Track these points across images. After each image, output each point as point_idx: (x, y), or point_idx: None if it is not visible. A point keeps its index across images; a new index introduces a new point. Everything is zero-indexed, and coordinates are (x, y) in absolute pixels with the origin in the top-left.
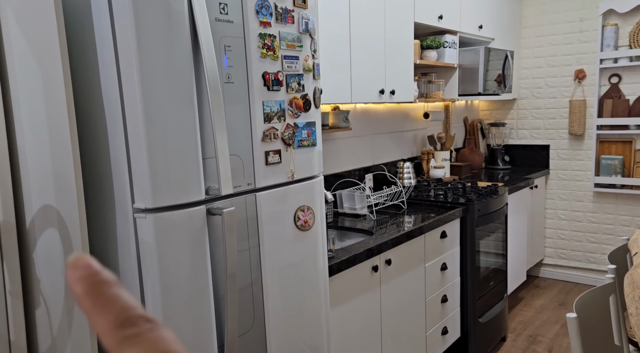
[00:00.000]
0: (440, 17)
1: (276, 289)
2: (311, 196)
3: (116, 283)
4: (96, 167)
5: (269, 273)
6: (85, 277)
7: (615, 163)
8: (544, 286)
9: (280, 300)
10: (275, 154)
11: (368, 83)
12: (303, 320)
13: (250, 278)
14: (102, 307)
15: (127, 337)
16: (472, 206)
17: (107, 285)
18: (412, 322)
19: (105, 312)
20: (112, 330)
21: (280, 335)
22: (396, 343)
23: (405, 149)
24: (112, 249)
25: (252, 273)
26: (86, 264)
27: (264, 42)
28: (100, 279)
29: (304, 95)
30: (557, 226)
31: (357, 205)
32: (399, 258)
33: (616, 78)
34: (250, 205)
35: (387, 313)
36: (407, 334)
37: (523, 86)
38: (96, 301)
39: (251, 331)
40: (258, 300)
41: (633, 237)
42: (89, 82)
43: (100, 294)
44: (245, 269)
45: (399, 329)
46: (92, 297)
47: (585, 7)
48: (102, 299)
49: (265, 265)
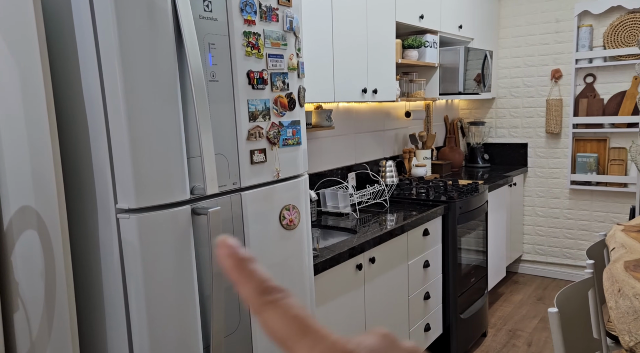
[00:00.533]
0: (421, 16)
1: None
2: (296, 195)
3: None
4: (77, 167)
5: None
6: (231, 254)
7: (590, 161)
8: (522, 282)
9: None
10: (261, 152)
11: (351, 82)
12: None
13: None
14: (246, 278)
15: (267, 302)
16: (454, 204)
17: (248, 261)
18: (395, 319)
19: (248, 283)
20: (255, 297)
21: (266, 335)
22: None
23: (387, 147)
24: (93, 250)
25: None
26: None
27: (249, 40)
28: (242, 257)
29: (289, 94)
30: (535, 223)
31: (340, 204)
32: (383, 256)
33: (591, 78)
34: (236, 205)
35: (371, 311)
36: (390, 331)
37: (501, 85)
38: (241, 274)
39: (237, 331)
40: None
41: (610, 232)
42: (69, 81)
43: (244, 268)
44: None
45: (383, 326)
46: (237, 270)
47: (561, 8)
48: (245, 272)
49: None
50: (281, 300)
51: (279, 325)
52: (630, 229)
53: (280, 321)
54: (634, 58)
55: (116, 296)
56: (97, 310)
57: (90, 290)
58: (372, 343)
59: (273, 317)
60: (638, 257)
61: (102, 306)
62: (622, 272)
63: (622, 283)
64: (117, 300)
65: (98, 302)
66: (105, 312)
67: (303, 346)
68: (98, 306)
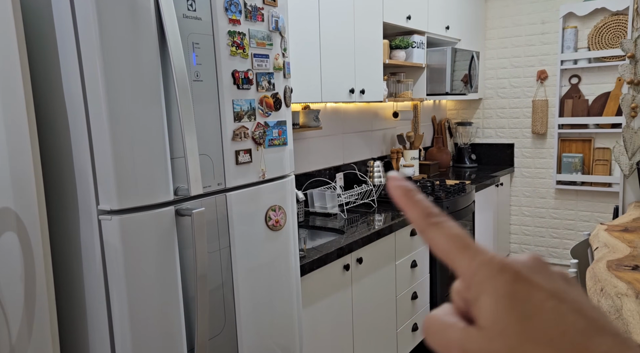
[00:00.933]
0: (408, 17)
1: (247, 290)
2: (282, 195)
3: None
4: (58, 168)
5: (240, 274)
6: (400, 186)
7: (575, 161)
8: None
9: (251, 302)
10: (246, 153)
11: (338, 82)
12: (275, 320)
13: (221, 279)
14: (413, 205)
15: (431, 223)
16: (441, 204)
17: (414, 191)
18: (383, 319)
19: (416, 208)
20: (421, 219)
21: (251, 337)
22: (368, 341)
23: (375, 148)
24: (75, 253)
25: (222, 274)
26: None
27: (234, 40)
28: (409, 188)
29: (275, 94)
30: (521, 222)
31: (328, 204)
32: (370, 256)
33: (576, 79)
34: (221, 206)
35: (359, 311)
36: (378, 332)
37: (488, 86)
38: (409, 201)
39: (222, 333)
40: (229, 302)
41: (594, 232)
42: (50, 80)
43: (411, 197)
44: (216, 270)
45: (371, 327)
46: (406, 198)
47: (546, 9)
48: (412, 200)
49: (237, 266)
50: (444, 222)
51: (442, 241)
52: (613, 228)
53: (443, 238)
54: (618, 59)
55: (98, 299)
56: (79, 313)
57: (71, 293)
58: (526, 260)
59: (437, 235)
60: (620, 256)
61: (84, 309)
62: (605, 272)
63: (605, 282)
64: (99, 303)
65: (79, 305)
66: (87, 315)
67: (464, 258)
68: (79, 309)
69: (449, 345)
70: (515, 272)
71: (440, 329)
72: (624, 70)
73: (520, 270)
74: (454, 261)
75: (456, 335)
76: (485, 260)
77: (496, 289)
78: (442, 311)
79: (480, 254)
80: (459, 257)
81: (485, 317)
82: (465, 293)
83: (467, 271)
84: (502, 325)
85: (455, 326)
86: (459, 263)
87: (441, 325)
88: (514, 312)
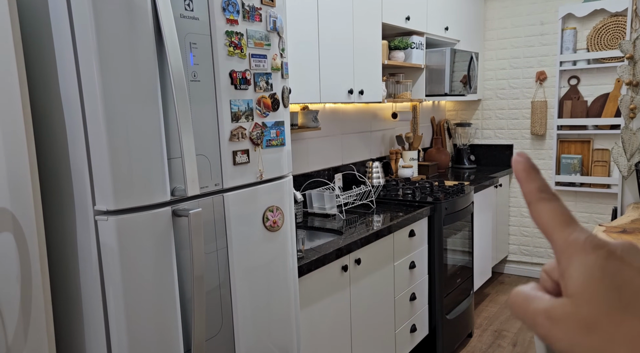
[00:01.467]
0: (407, 18)
1: (245, 291)
2: (280, 196)
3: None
4: (54, 168)
5: (237, 275)
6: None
7: (574, 162)
8: (508, 282)
9: (249, 302)
10: (244, 153)
11: (337, 83)
12: (272, 321)
13: (218, 280)
14: (531, 179)
15: (542, 198)
16: (440, 205)
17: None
18: (381, 320)
19: (532, 182)
20: (534, 192)
21: (249, 338)
22: (366, 342)
23: (374, 148)
24: (71, 253)
25: (220, 275)
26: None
27: (231, 40)
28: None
29: (273, 95)
30: (520, 223)
31: (326, 205)
32: (369, 257)
33: (575, 80)
34: (218, 206)
35: (357, 312)
36: (376, 333)
37: (487, 87)
38: (528, 175)
39: (219, 334)
40: (226, 303)
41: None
42: (46, 81)
43: (530, 172)
44: (213, 271)
45: (369, 328)
46: (526, 172)
47: (545, 10)
48: (531, 175)
49: (234, 266)
50: (554, 200)
51: (547, 215)
52: (611, 230)
53: (549, 213)
54: (617, 61)
55: (94, 300)
56: (75, 314)
57: (67, 294)
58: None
59: (544, 209)
60: None
61: (80, 310)
62: None
63: None
64: (96, 303)
65: (76, 306)
66: (83, 315)
67: (563, 233)
68: (76, 310)
69: (534, 314)
70: (609, 250)
71: (526, 300)
72: (623, 71)
73: (615, 249)
74: (552, 235)
75: (542, 305)
76: (581, 237)
77: (588, 261)
78: (529, 287)
79: (579, 232)
80: (558, 232)
81: (575, 284)
82: (556, 271)
83: (562, 244)
84: (591, 293)
85: (541, 298)
86: (557, 237)
87: (527, 297)
88: (604, 282)
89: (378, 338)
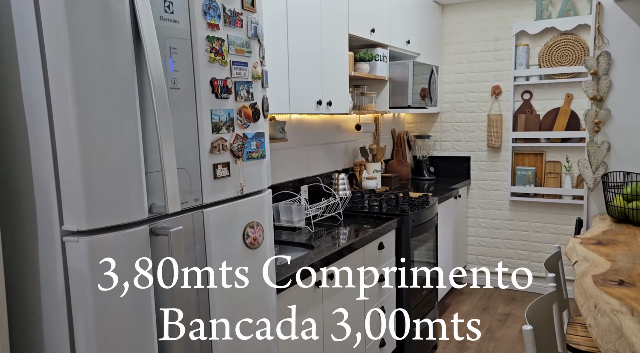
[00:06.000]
0: (372, 30)
1: (224, 310)
2: (260, 211)
3: None
4: (12, 184)
5: (217, 295)
6: None
7: (528, 173)
8: (467, 292)
9: (228, 322)
10: (224, 166)
11: (306, 94)
12: (252, 341)
13: (197, 300)
14: None
15: None
16: (407, 217)
17: None
18: (352, 336)
19: None
20: None
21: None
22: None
23: (338, 160)
24: (31, 281)
25: (198, 295)
26: None
27: (212, 45)
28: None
29: (253, 104)
30: (477, 234)
31: (294, 218)
32: (341, 272)
33: (528, 94)
34: (197, 223)
35: (329, 329)
36: (347, 350)
37: (445, 100)
38: None
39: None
40: (206, 323)
41: (569, 245)
42: (5, 87)
43: None
44: (191, 291)
45: (340, 345)
46: None
47: (500, 27)
48: None
49: (213, 287)
50: None
51: None
52: (587, 242)
53: None
54: (566, 77)
55: (59, 332)
56: (34, 346)
57: (26, 326)
58: None
59: None
60: (603, 270)
61: (42, 344)
62: (593, 288)
63: (597, 299)
64: (61, 336)
65: (36, 339)
66: (44, 347)
67: None
68: (36, 344)
69: None
70: None
71: None
72: (587, 86)
73: None
74: None
75: None
76: None
77: None
78: None
79: None
80: None
81: None
82: None
83: None
84: None
85: None
86: None
87: None
88: None
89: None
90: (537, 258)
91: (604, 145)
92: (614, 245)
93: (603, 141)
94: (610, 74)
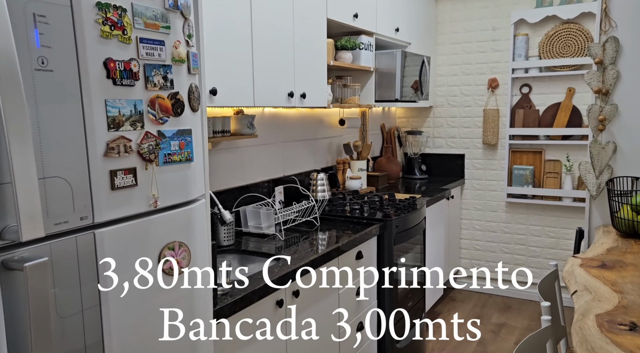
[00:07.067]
0: (355, 15)
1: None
2: (186, 228)
3: None
4: None
5: (116, 340)
6: None
7: (526, 173)
8: (460, 299)
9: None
10: (128, 173)
11: (274, 84)
12: None
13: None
14: None
15: None
16: (390, 223)
17: None
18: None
19: None
20: None
21: None
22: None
23: (320, 158)
24: None
25: (86, 343)
26: None
27: (106, 16)
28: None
29: (174, 94)
30: (472, 237)
31: (263, 224)
32: (309, 287)
33: (527, 88)
34: (86, 248)
35: (295, 352)
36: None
37: (439, 94)
38: None
39: None
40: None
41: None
42: None
43: None
44: (76, 340)
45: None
46: None
47: (497, 15)
48: None
49: (111, 330)
50: None
51: None
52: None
53: None
54: (568, 69)
55: None
56: None
57: None
58: None
59: None
60: (609, 307)
61: None
62: (597, 334)
63: (600, 350)
64: None
65: None
66: None
67: None
68: None
69: None
70: None
71: None
72: (591, 77)
73: None
74: None
75: None
76: None
77: None
78: None
79: None
80: None
81: None
82: None
83: None
84: None
85: None
86: None
87: None
88: None
89: None
90: (535, 264)
91: (609, 146)
92: (621, 269)
93: (608, 141)
94: (618, 63)
